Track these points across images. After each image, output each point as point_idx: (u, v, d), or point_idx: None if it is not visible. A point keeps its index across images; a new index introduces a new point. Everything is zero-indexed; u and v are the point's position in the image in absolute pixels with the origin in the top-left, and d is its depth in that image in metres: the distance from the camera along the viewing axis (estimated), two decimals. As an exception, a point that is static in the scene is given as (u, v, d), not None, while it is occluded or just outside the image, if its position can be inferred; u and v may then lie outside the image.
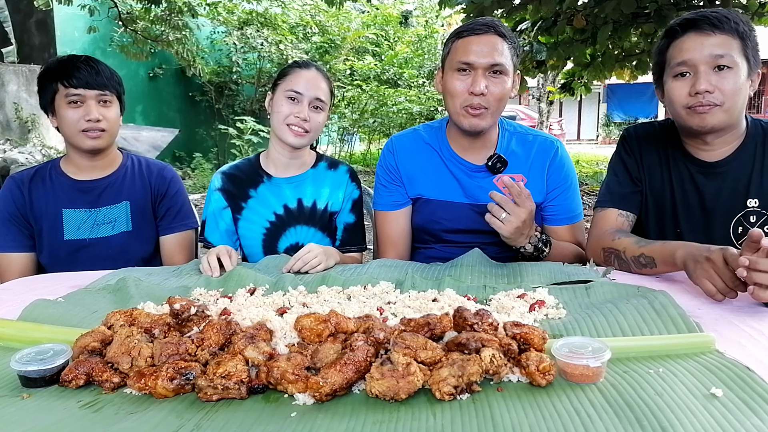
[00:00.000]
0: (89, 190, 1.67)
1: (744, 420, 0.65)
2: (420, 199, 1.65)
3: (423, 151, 1.65)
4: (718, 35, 1.27)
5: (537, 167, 1.59)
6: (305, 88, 1.60)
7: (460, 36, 1.47)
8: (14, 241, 1.63)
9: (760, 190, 1.36)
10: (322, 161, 1.76)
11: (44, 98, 1.62)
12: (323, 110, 1.64)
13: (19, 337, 0.94)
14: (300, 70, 1.63)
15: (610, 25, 4.71)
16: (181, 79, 10.36)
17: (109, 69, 1.64)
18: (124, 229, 1.68)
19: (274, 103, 1.64)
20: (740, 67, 1.27)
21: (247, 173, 1.73)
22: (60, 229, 1.64)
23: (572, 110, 22.42)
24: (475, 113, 1.47)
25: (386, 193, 1.68)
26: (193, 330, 0.89)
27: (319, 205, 1.71)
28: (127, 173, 1.73)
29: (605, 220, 1.47)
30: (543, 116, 11.89)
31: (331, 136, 11.61)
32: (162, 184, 1.75)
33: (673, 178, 1.44)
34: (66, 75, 1.56)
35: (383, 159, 1.69)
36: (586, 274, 1.28)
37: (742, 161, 1.37)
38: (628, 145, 1.52)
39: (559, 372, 0.77)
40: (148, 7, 7.44)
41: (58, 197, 1.65)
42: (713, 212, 1.40)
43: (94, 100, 1.59)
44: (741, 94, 1.29)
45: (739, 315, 1.00)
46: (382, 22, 11.98)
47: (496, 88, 1.45)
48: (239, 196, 1.71)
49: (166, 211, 1.75)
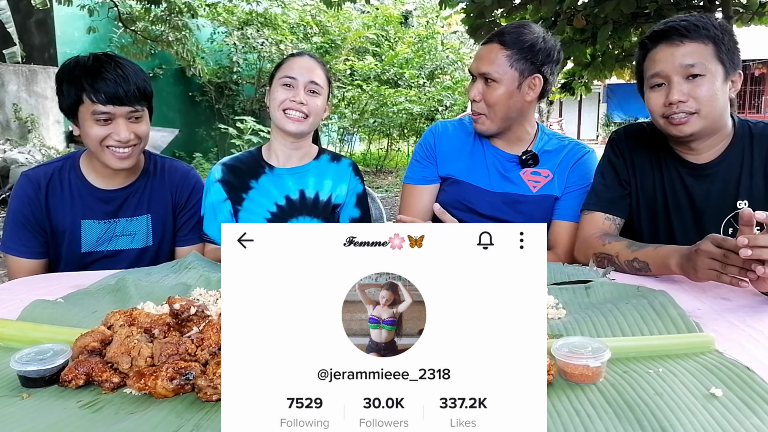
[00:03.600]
0: (110, 200, 1.56)
1: (744, 420, 0.65)
2: (449, 178, 1.72)
3: (463, 136, 1.74)
4: (688, 44, 1.28)
5: (564, 165, 1.66)
6: (299, 73, 1.60)
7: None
8: (25, 246, 1.53)
9: (749, 191, 1.36)
10: (324, 154, 1.77)
11: (65, 103, 1.45)
12: (320, 94, 1.63)
13: (18, 337, 0.94)
14: (293, 58, 1.65)
15: (610, 25, 4.71)
16: (181, 79, 10.36)
17: (140, 77, 1.45)
18: (143, 244, 1.60)
19: (271, 93, 1.65)
20: (714, 72, 1.28)
21: (248, 164, 1.72)
22: (77, 242, 1.54)
23: (572, 110, 22.42)
24: (475, 118, 1.63)
25: (419, 167, 1.76)
26: (193, 330, 0.89)
27: (321, 197, 1.71)
28: (149, 181, 1.62)
29: (591, 223, 1.47)
30: (543, 116, 11.90)
31: (331, 136, 11.61)
32: (184, 192, 1.67)
33: (665, 180, 1.44)
34: (92, 86, 1.38)
35: (423, 139, 1.79)
36: (585, 274, 1.28)
37: (731, 163, 1.38)
38: (617, 147, 1.51)
39: (558, 372, 0.77)
40: (148, 7, 7.44)
41: (76, 207, 1.54)
42: (704, 214, 1.40)
43: (125, 117, 1.42)
44: (717, 100, 1.29)
45: (739, 315, 1.00)
46: (383, 23, 11.98)
47: (488, 95, 1.57)
48: (240, 187, 1.69)
49: (184, 223, 1.68)
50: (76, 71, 1.41)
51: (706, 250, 1.07)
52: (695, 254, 1.09)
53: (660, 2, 4.48)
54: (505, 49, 1.54)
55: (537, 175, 1.62)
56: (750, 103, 19.25)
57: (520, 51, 1.54)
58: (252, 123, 8.70)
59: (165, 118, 10.12)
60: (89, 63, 1.42)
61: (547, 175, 1.64)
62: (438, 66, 11.99)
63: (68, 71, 1.42)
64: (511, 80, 1.54)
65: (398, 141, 11.85)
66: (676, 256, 1.17)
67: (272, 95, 1.64)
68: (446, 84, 11.34)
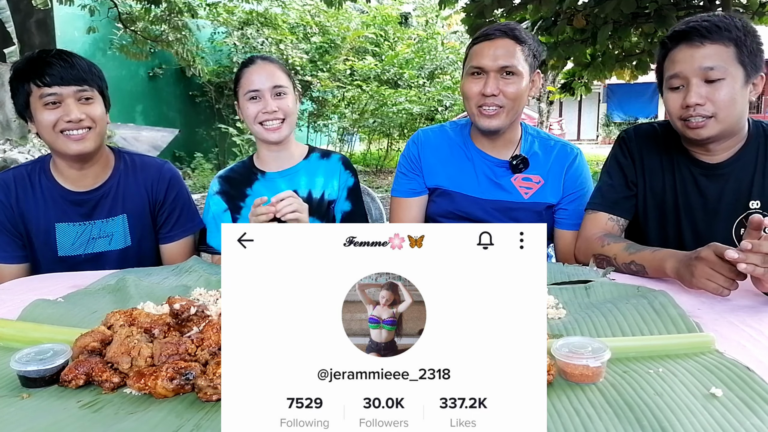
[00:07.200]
0: (83, 203, 1.54)
1: (744, 420, 0.65)
2: (438, 189, 1.70)
3: (447, 144, 1.71)
4: (709, 46, 1.25)
5: (555, 170, 1.64)
6: (260, 83, 1.60)
7: (476, 42, 1.58)
8: (5, 251, 1.50)
9: (761, 191, 1.35)
10: (314, 153, 1.77)
11: (18, 103, 1.45)
12: (287, 94, 1.63)
13: (18, 337, 0.94)
14: (248, 69, 1.63)
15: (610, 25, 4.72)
16: (181, 79, 10.36)
17: (86, 61, 1.47)
18: (122, 245, 1.58)
19: (242, 110, 1.65)
20: (734, 75, 1.26)
21: (241, 174, 1.75)
22: (53, 245, 1.52)
23: (572, 110, 22.41)
24: (488, 113, 1.55)
25: (405, 180, 1.74)
26: (193, 330, 0.89)
27: (314, 195, 1.71)
28: (121, 180, 1.59)
29: (594, 223, 1.47)
30: (543, 116, 11.89)
31: (331, 136, 11.62)
32: (160, 188, 1.63)
33: (676, 180, 1.43)
34: (37, 73, 1.40)
35: (407, 149, 1.76)
36: (585, 274, 1.28)
37: (745, 163, 1.37)
38: (626, 146, 1.50)
39: (558, 372, 0.77)
40: (148, 7, 7.44)
41: (49, 209, 1.51)
42: (716, 214, 1.39)
43: (73, 97, 1.42)
44: (736, 103, 1.27)
45: (739, 315, 1.00)
46: (382, 23, 11.98)
47: (508, 88, 1.53)
48: (237, 196, 1.72)
49: (166, 219, 1.65)
50: (23, 66, 1.44)
51: (707, 258, 1.06)
52: (695, 261, 1.09)
53: (660, 2, 4.48)
54: (519, 44, 1.53)
55: (528, 181, 1.61)
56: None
57: (529, 47, 1.55)
58: (252, 123, 8.68)
59: (165, 118, 10.12)
60: (34, 56, 1.44)
61: (539, 181, 1.62)
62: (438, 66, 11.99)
63: (16, 70, 1.44)
64: (527, 75, 1.55)
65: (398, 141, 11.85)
66: (672, 260, 1.17)
67: (243, 111, 1.64)
68: (446, 84, 11.35)
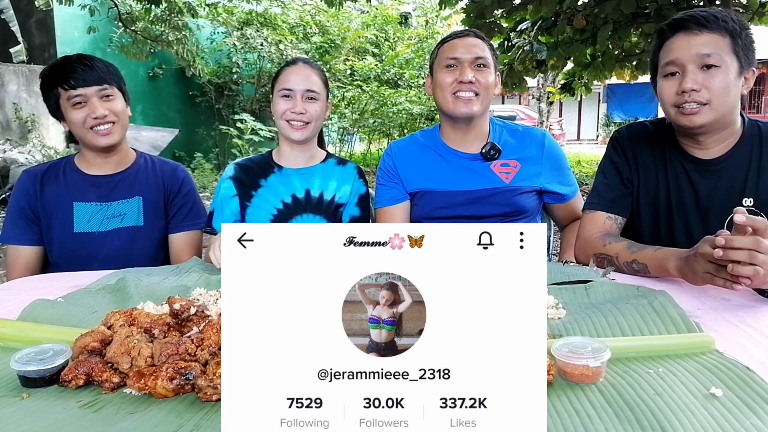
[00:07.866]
0: (102, 184, 1.70)
1: (744, 420, 0.65)
2: (418, 192, 1.76)
3: (420, 151, 1.79)
4: (706, 34, 1.28)
5: (529, 153, 1.72)
6: (295, 83, 1.68)
7: (446, 41, 1.70)
8: (23, 234, 1.67)
9: (755, 189, 1.35)
10: (331, 158, 1.85)
11: (50, 106, 1.64)
12: (318, 100, 1.72)
13: (18, 337, 0.94)
14: (288, 68, 1.73)
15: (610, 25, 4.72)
16: (181, 79, 10.36)
17: (103, 63, 1.65)
18: (134, 223, 1.71)
19: (273, 104, 1.74)
20: (729, 65, 1.27)
21: (259, 165, 1.82)
22: (70, 221, 1.66)
23: (572, 110, 22.42)
24: (465, 98, 1.64)
25: (385, 189, 1.80)
26: (193, 330, 0.89)
27: (326, 196, 1.78)
28: (140, 170, 1.75)
29: (593, 223, 1.48)
30: (543, 116, 11.89)
31: (331, 136, 11.62)
32: (174, 182, 1.78)
33: (669, 177, 1.43)
34: (63, 78, 1.58)
35: (382, 162, 1.83)
36: (585, 274, 1.28)
37: (738, 160, 1.37)
38: (619, 146, 1.51)
39: (558, 372, 0.77)
40: (148, 7, 7.44)
41: (69, 191, 1.68)
42: (708, 210, 1.39)
43: (96, 96, 1.60)
44: (730, 92, 1.29)
45: (739, 315, 1.00)
46: (382, 23, 11.98)
47: (482, 77, 1.63)
48: (250, 185, 1.78)
49: (178, 210, 1.78)
50: (50, 73, 1.62)
51: (703, 252, 1.06)
52: (694, 258, 1.09)
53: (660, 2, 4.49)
54: (485, 42, 1.67)
55: (506, 166, 1.69)
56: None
57: (492, 48, 1.68)
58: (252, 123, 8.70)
59: (165, 118, 10.13)
60: (59, 63, 1.63)
61: (516, 165, 1.70)
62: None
63: (45, 77, 1.63)
64: (494, 69, 1.67)
65: (398, 141, 11.83)
66: (674, 259, 1.17)
67: (274, 106, 1.73)
68: (446, 84, 11.32)
